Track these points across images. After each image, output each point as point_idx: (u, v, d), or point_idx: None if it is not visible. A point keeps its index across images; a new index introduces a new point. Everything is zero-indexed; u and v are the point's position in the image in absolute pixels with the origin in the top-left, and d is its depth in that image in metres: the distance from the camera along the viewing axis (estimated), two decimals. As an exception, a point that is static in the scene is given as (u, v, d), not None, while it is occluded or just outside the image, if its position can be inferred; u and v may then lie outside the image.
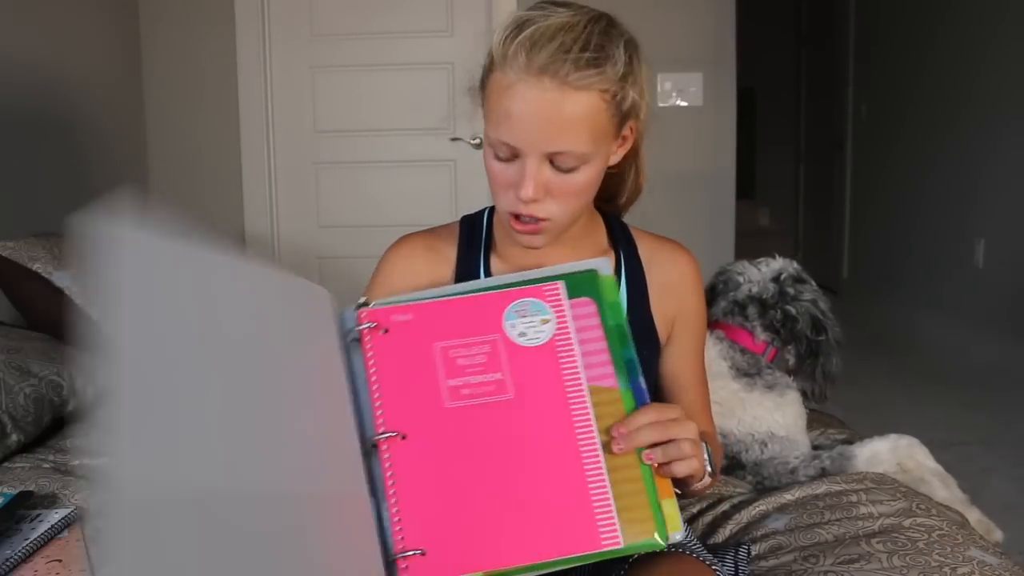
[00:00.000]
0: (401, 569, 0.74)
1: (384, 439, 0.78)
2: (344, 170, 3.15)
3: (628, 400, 0.81)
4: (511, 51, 0.86)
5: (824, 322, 1.46)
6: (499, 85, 0.87)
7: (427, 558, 0.74)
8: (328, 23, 3.07)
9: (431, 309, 0.84)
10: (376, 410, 0.79)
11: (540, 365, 0.81)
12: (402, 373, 0.81)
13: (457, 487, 0.77)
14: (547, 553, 0.75)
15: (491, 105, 0.89)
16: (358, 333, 0.82)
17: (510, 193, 0.90)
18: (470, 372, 0.81)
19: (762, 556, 1.10)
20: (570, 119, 0.85)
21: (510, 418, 0.79)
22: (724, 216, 3.13)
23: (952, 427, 2.74)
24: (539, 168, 0.88)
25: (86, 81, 2.63)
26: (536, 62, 0.84)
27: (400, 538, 0.75)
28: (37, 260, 1.86)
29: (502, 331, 0.83)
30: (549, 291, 0.85)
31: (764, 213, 6.87)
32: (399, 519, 0.75)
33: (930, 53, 4.18)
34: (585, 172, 0.89)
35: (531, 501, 0.77)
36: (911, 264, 4.40)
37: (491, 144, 0.90)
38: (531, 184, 0.87)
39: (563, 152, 0.87)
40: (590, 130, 0.87)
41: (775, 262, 1.52)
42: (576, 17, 0.88)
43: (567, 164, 0.88)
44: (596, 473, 0.78)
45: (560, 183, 0.89)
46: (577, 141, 0.87)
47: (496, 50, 0.88)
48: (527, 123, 0.86)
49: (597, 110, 0.87)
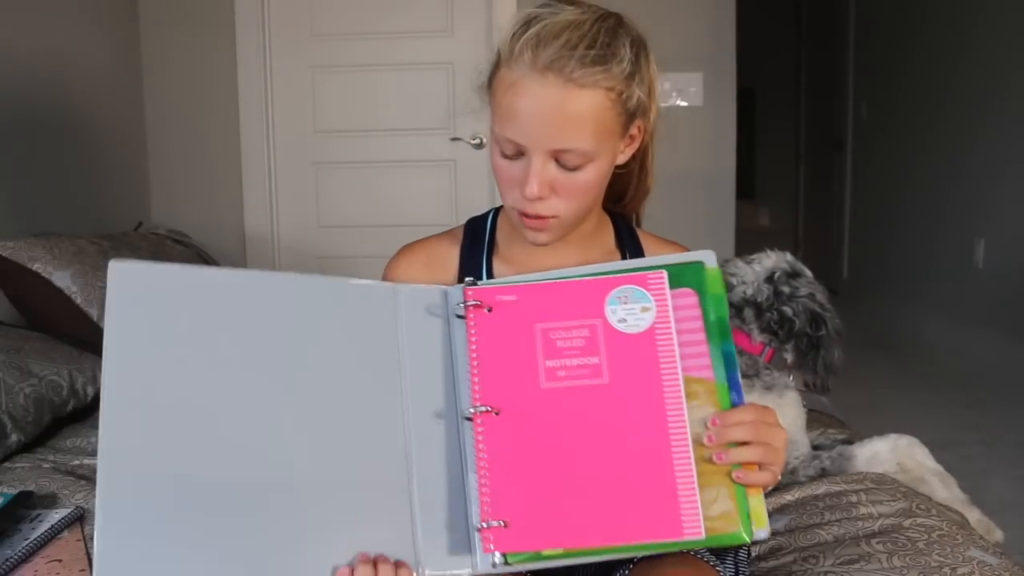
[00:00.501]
0: (484, 538, 0.77)
1: (479, 413, 0.80)
2: (344, 170, 3.15)
3: (723, 393, 0.82)
4: (517, 48, 0.86)
5: (823, 315, 1.45)
6: (505, 82, 0.87)
7: (509, 530, 0.77)
8: (328, 23, 3.07)
9: (535, 291, 0.85)
10: (473, 385, 0.81)
11: (637, 352, 0.82)
12: (502, 351, 0.83)
13: (545, 465, 0.79)
14: (627, 537, 0.77)
15: (497, 102, 0.89)
16: (462, 309, 0.84)
17: (516, 190, 0.90)
18: (568, 354, 0.82)
19: (762, 557, 1.11)
20: (575, 117, 0.85)
21: (603, 402, 0.81)
22: (724, 216, 3.14)
23: (952, 427, 2.74)
24: (544, 166, 0.88)
25: (86, 81, 2.63)
26: (541, 59, 0.84)
27: (486, 509, 0.77)
28: (37, 260, 1.86)
29: (603, 316, 0.84)
30: (653, 280, 0.85)
31: (764, 213, 6.87)
32: (487, 490, 0.78)
33: (930, 53, 4.18)
34: (591, 170, 0.89)
35: (617, 485, 0.78)
36: (911, 264, 4.40)
37: (497, 141, 0.90)
38: (535, 182, 0.87)
39: (568, 150, 0.87)
40: (595, 128, 0.87)
41: (768, 259, 1.50)
42: (584, 15, 0.88)
43: (572, 162, 0.88)
44: (684, 463, 0.79)
45: (565, 181, 0.89)
46: (582, 139, 0.86)
47: (503, 47, 0.88)
48: (532, 120, 0.86)
49: (603, 108, 0.86)
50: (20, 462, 1.42)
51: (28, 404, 1.48)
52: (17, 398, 1.47)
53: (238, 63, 3.05)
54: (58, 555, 1.08)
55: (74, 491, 1.27)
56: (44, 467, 1.40)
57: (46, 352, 1.64)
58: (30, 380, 1.52)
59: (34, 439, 1.52)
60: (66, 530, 1.15)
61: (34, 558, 1.06)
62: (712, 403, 0.81)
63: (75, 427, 1.63)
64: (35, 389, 1.52)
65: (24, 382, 1.50)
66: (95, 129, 2.69)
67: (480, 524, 0.77)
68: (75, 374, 1.63)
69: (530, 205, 0.90)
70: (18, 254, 1.86)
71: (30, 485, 1.28)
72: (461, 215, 1.11)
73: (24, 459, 1.44)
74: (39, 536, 1.10)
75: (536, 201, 0.89)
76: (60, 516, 1.16)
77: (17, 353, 1.57)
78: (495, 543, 0.77)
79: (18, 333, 1.75)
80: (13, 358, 1.54)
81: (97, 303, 1.85)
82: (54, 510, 1.19)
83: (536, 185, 0.87)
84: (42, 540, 1.10)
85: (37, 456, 1.47)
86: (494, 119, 0.90)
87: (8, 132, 2.20)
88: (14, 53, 2.23)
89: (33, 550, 1.07)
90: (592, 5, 0.90)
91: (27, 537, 1.10)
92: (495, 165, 0.92)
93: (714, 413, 0.81)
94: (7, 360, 1.52)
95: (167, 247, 2.38)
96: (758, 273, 1.48)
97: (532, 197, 0.88)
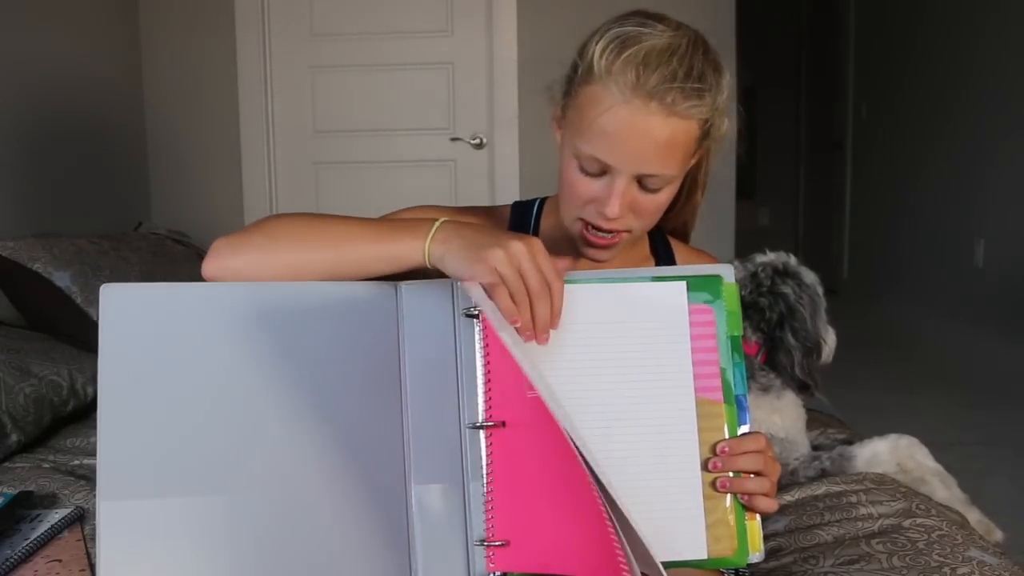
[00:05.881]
0: (487, 555, 0.76)
1: (488, 425, 0.78)
2: (344, 170, 3.15)
3: (731, 417, 0.81)
4: (617, 67, 0.84)
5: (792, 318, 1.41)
6: (598, 100, 0.86)
7: (509, 549, 0.76)
8: (328, 23, 3.07)
9: None
10: (487, 395, 0.79)
11: None
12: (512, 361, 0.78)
13: (549, 483, 0.77)
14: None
15: (585, 118, 0.87)
16: (476, 311, 0.79)
17: (590, 207, 0.90)
18: None
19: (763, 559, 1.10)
20: (669, 145, 0.85)
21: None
22: (724, 216, 3.14)
23: (952, 427, 2.74)
24: (628, 187, 0.87)
25: (86, 81, 2.63)
26: (646, 86, 0.83)
27: (490, 525, 0.76)
28: (37, 260, 1.86)
29: None
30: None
31: (764, 213, 6.87)
32: (492, 505, 0.77)
33: (930, 53, 4.18)
34: (667, 192, 0.90)
35: None
36: (911, 264, 4.40)
37: (578, 156, 0.89)
38: (617, 203, 0.87)
39: (656, 175, 0.87)
40: (682, 155, 0.88)
41: (764, 257, 1.49)
42: (677, 38, 0.86)
43: (655, 185, 0.88)
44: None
45: (644, 201, 0.89)
46: (671, 166, 0.87)
47: (596, 62, 0.86)
48: (627, 144, 0.85)
49: (692, 137, 0.87)
50: (20, 462, 1.42)
51: (28, 404, 1.48)
52: (17, 398, 1.47)
53: (238, 63, 3.05)
54: (58, 555, 1.08)
55: (74, 491, 1.27)
56: (44, 467, 1.40)
57: (46, 352, 1.64)
58: (30, 380, 1.52)
59: (34, 439, 1.52)
60: (66, 530, 1.14)
61: (34, 558, 1.06)
62: (719, 426, 0.80)
63: (75, 427, 1.63)
64: (35, 389, 1.51)
65: (24, 382, 1.50)
66: (95, 129, 2.69)
67: (483, 539, 0.76)
68: (75, 374, 1.63)
69: (606, 222, 0.90)
70: (18, 254, 1.86)
71: (30, 485, 1.28)
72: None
73: (24, 459, 1.44)
74: (39, 536, 1.10)
75: (615, 220, 0.89)
76: (60, 516, 1.16)
77: (17, 353, 1.57)
78: (496, 561, 0.75)
79: (18, 333, 1.75)
80: (13, 358, 1.54)
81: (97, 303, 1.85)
82: (54, 510, 1.19)
83: (617, 206, 0.87)
84: (42, 540, 1.10)
85: (37, 456, 1.46)
86: (577, 133, 0.89)
87: (8, 132, 2.20)
88: (14, 53, 2.23)
89: (33, 550, 1.07)
90: (677, 22, 0.89)
91: (27, 537, 1.10)
92: (569, 179, 0.91)
93: (721, 438, 0.80)
94: (7, 360, 1.52)
95: (167, 247, 2.37)
96: (748, 269, 1.47)
97: (613, 216, 0.88)
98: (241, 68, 3.06)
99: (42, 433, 1.55)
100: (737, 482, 0.79)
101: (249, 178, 3.12)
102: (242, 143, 3.10)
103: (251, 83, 3.06)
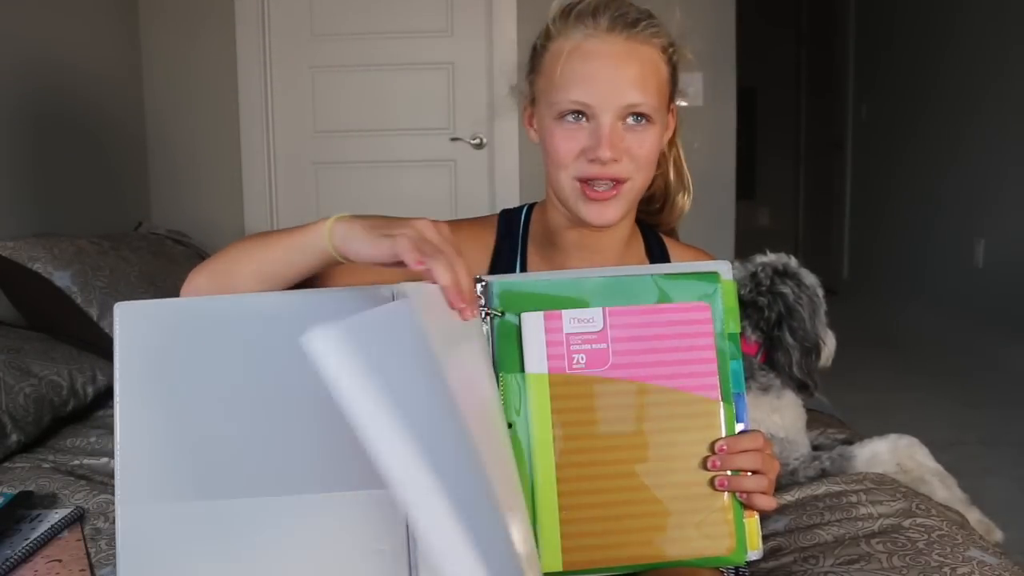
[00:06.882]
0: None
1: None
2: (344, 170, 3.15)
3: (728, 415, 0.80)
4: (571, 19, 0.90)
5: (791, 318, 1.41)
6: (564, 51, 0.90)
7: None
8: (328, 23, 3.07)
9: None
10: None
11: None
12: None
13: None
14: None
15: (557, 73, 0.90)
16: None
17: (581, 159, 0.90)
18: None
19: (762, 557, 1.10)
20: (639, 72, 0.89)
21: None
22: (724, 216, 3.13)
23: (952, 427, 2.73)
24: (614, 125, 0.89)
25: (86, 81, 2.63)
26: (602, 22, 0.88)
27: None
28: (37, 260, 1.86)
29: None
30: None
31: (764, 213, 6.87)
32: None
33: (930, 53, 4.18)
34: (653, 134, 0.91)
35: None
36: (911, 264, 4.40)
37: (558, 111, 0.90)
38: (607, 141, 0.88)
39: (635, 104, 0.89)
40: (656, 85, 0.90)
41: (764, 257, 1.49)
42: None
43: (639, 120, 0.90)
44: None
45: (634, 144, 0.90)
46: (646, 94, 0.89)
47: (553, 26, 0.92)
48: (599, 77, 0.88)
49: (660, 65, 0.92)
50: (20, 462, 1.42)
51: (28, 404, 1.48)
52: (17, 398, 1.46)
53: (238, 63, 3.05)
54: (58, 555, 1.08)
55: (74, 491, 1.27)
56: (44, 467, 1.40)
57: (46, 352, 1.64)
58: (30, 380, 1.52)
59: (34, 439, 1.52)
60: (66, 530, 1.14)
61: (34, 558, 1.06)
62: (714, 424, 0.80)
63: (75, 427, 1.63)
64: (35, 389, 1.51)
65: (24, 382, 1.50)
66: (95, 129, 2.69)
67: None
68: (75, 374, 1.63)
69: (602, 168, 0.89)
70: (18, 254, 1.86)
71: (30, 485, 1.28)
72: (461, 215, 1.10)
73: (24, 459, 1.44)
74: (39, 536, 1.10)
75: (611, 163, 0.89)
76: (60, 516, 1.16)
77: (17, 353, 1.57)
78: None
79: (18, 333, 1.75)
80: (13, 358, 1.54)
81: (97, 303, 1.85)
82: (54, 510, 1.19)
83: (609, 145, 0.88)
84: (42, 540, 1.10)
85: (37, 456, 1.46)
86: (553, 92, 0.91)
87: (8, 132, 2.20)
88: (14, 53, 2.23)
89: (33, 550, 1.07)
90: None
91: (27, 537, 1.10)
92: (554, 142, 0.91)
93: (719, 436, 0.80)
94: (7, 360, 1.52)
95: (167, 247, 2.37)
96: (748, 269, 1.47)
97: (607, 159, 0.88)
98: (241, 68, 3.06)
99: (42, 433, 1.55)
100: (735, 480, 0.79)
101: (249, 178, 3.12)
102: (242, 143, 3.10)
103: (251, 83, 3.06)
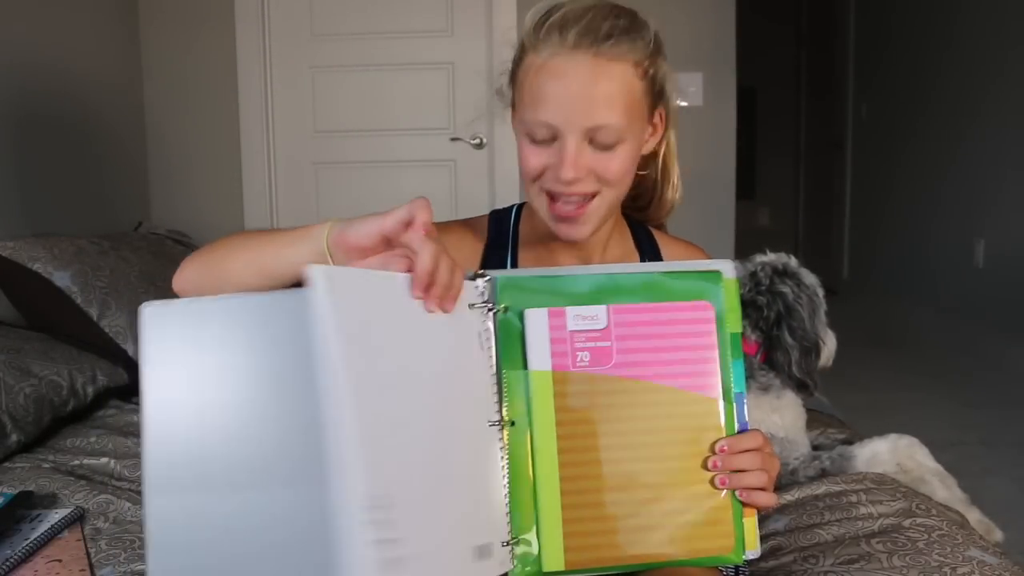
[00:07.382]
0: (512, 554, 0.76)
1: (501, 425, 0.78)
2: (344, 170, 3.15)
3: (729, 415, 0.80)
4: (543, 32, 0.87)
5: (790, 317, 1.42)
6: (533, 67, 0.88)
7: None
8: (328, 23, 3.07)
9: None
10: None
11: None
12: None
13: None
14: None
15: (526, 89, 0.89)
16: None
17: (548, 175, 0.89)
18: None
19: (762, 557, 1.10)
20: (606, 92, 0.86)
21: None
22: (724, 216, 3.13)
23: (952, 427, 2.73)
24: (579, 147, 0.87)
25: (86, 81, 2.63)
26: (569, 38, 0.85)
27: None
28: (37, 260, 1.86)
29: None
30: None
31: (764, 213, 6.86)
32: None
33: (930, 53, 4.18)
34: (624, 152, 0.89)
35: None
36: (911, 264, 4.40)
37: (528, 131, 0.89)
38: (570, 162, 0.87)
39: (601, 126, 0.86)
40: (626, 104, 0.87)
41: (764, 257, 1.49)
42: (602, 2, 0.90)
43: (606, 139, 0.87)
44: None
45: (601, 162, 0.88)
46: (614, 114, 0.86)
47: (527, 37, 0.89)
48: (564, 98, 0.86)
49: (631, 82, 0.87)
50: (20, 462, 1.42)
51: (28, 404, 1.48)
52: (17, 398, 1.47)
53: (238, 63, 3.05)
54: (58, 555, 1.08)
55: (74, 491, 1.27)
56: (44, 467, 1.40)
57: (46, 352, 1.64)
58: (30, 380, 1.52)
59: (34, 439, 1.52)
60: (66, 530, 1.15)
61: (34, 558, 1.06)
62: (715, 424, 0.80)
63: (75, 427, 1.63)
64: (35, 389, 1.51)
65: (24, 382, 1.50)
66: (95, 129, 2.69)
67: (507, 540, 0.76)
68: (75, 374, 1.63)
69: (565, 187, 0.88)
70: (18, 254, 1.86)
71: (30, 485, 1.28)
72: (461, 215, 1.10)
73: (24, 459, 1.44)
74: (39, 536, 1.10)
75: (574, 183, 0.88)
76: (60, 516, 1.16)
77: (17, 353, 1.57)
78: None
79: (18, 333, 1.75)
80: (13, 358, 1.54)
81: (97, 303, 1.85)
82: (54, 510, 1.19)
83: (571, 167, 0.87)
84: (42, 540, 1.10)
85: (37, 456, 1.46)
86: (523, 108, 0.90)
87: (8, 132, 2.20)
88: (14, 53, 2.23)
89: (33, 550, 1.07)
90: None
91: (27, 537, 1.10)
92: (523, 158, 0.91)
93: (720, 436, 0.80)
94: (7, 360, 1.52)
95: (167, 247, 2.37)
96: (748, 268, 1.47)
97: (568, 180, 0.87)
98: (241, 68, 3.05)
99: (42, 433, 1.55)
100: (736, 477, 0.79)
101: (249, 178, 3.12)
102: (242, 143, 3.10)
103: (251, 83, 3.06)
